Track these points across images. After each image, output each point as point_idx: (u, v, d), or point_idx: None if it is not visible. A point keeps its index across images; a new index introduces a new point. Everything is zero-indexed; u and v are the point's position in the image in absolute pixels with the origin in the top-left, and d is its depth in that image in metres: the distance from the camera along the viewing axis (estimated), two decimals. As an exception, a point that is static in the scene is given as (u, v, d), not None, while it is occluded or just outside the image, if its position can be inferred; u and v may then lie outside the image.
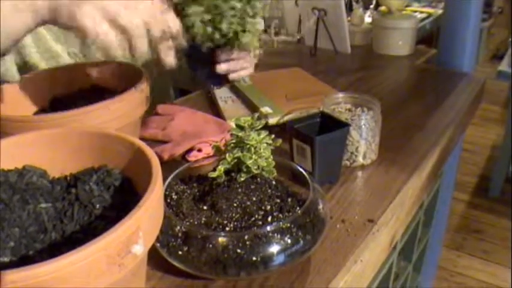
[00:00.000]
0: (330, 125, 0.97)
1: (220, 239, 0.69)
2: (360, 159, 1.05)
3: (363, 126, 1.02)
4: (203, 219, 0.73)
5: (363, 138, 1.03)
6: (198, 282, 0.73)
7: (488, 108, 4.17)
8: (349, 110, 1.10)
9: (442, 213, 1.87)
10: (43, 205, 0.59)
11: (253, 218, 0.73)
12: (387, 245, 0.95)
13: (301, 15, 2.00)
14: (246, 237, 0.69)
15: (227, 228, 0.72)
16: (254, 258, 0.68)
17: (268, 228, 0.70)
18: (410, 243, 1.52)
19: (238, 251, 0.68)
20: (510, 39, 3.39)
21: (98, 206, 0.58)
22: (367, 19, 2.23)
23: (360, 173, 1.04)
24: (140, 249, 0.49)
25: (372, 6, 2.60)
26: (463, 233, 2.90)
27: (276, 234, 0.70)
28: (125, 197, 0.60)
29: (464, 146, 2.91)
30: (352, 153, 1.04)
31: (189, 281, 0.73)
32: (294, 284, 0.74)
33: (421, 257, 1.76)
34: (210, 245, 0.68)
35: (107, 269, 0.46)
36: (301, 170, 0.83)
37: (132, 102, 0.86)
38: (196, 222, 0.73)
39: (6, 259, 0.52)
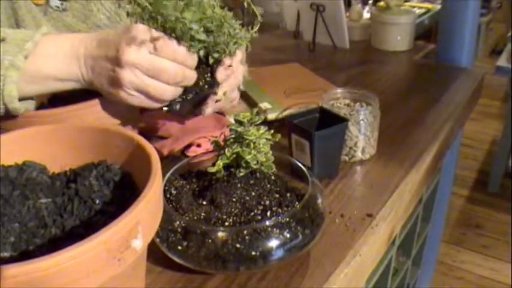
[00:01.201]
0: (329, 120, 0.97)
1: (220, 234, 0.69)
2: (359, 154, 1.05)
3: (362, 122, 1.02)
4: (202, 214, 0.74)
5: (362, 134, 1.03)
6: (197, 276, 0.73)
7: (487, 103, 4.17)
8: (348, 105, 1.10)
9: (441, 208, 1.88)
10: (43, 200, 0.60)
11: (252, 213, 0.73)
12: (386, 240, 0.95)
13: (300, 10, 2.00)
14: (245, 232, 0.69)
15: (226, 223, 0.72)
16: (253, 253, 0.69)
17: (268, 222, 0.70)
18: (409, 238, 1.53)
19: (238, 245, 0.68)
20: (509, 34, 3.39)
21: (97, 201, 0.58)
22: (366, 14, 2.23)
23: (358, 168, 1.04)
24: (140, 244, 0.50)
25: (370, 1, 2.59)
26: (462, 228, 2.90)
27: (275, 229, 0.70)
28: (124, 192, 0.60)
29: (463, 141, 2.91)
30: (350, 148, 1.04)
31: (189, 276, 0.73)
32: (293, 277, 0.74)
33: (420, 251, 1.76)
34: (210, 240, 0.69)
35: (107, 263, 0.46)
36: (300, 165, 0.84)
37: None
38: (195, 217, 0.73)
39: (6, 254, 0.52)
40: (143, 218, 0.50)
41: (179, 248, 0.70)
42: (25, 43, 0.70)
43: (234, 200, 0.75)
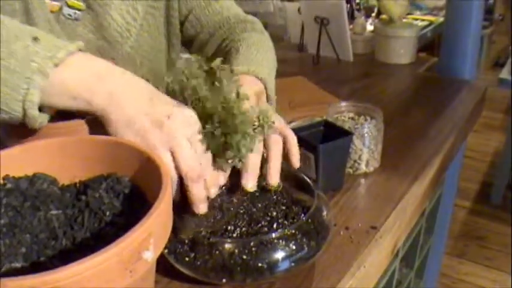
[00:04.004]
0: (333, 134, 0.98)
1: (227, 246, 0.70)
2: (363, 167, 1.06)
3: (366, 135, 1.03)
4: (210, 225, 0.75)
5: (366, 147, 1.04)
6: (205, 287, 0.74)
7: (490, 115, 4.17)
8: (352, 118, 1.11)
9: (444, 220, 1.88)
10: (54, 212, 0.60)
11: (259, 225, 0.74)
12: (390, 252, 0.96)
13: (304, 23, 2.02)
14: (252, 243, 0.70)
15: (234, 235, 0.73)
16: (260, 265, 0.69)
17: (274, 234, 0.71)
18: (412, 250, 1.53)
19: (244, 257, 0.69)
20: (511, 46, 3.40)
21: (107, 213, 0.59)
22: (369, 27, 2.25)
23: (362, 181, 1.05)
24: (151, 256, 0.50)
25: (373, 14, 2.61)
26: (465, 240, 2.90)
27: (281, 241, 0.71)
28: (134, 204, 0.61)
29: (466, 153, 2.91)
30: (355, 161, 1.05)
31: (197, 286, 0.74)
32: (298, 289, 0.75)
33: (423, 263, 1.76)
34: (217, 252, 0.70)
35: (119, 274, 0.47)
36: (305, 177, 0.85)
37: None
38: (203, 229, 0.74)
39: (18, 265, 0.53)
40: (155, 230, 0.51)
41: (187, 259, 0.71)
42: (58, 50, 0.67)
43: (241, 211, 0.76)
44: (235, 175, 0.79)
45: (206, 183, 0.74)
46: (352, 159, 1.05)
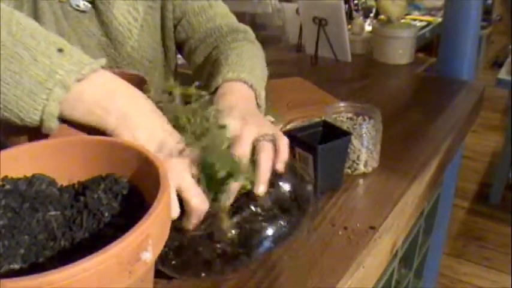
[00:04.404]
0: (332, 134, 0.98)
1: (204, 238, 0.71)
2: (362, 167, 1.06)
3: (364, 135, 1.03)
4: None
5: (364, 147, 1.04)
6: (207, 280, 0.74)
7: (488, 115, 4.17)
8: (351, 118, 1.11)
9: (443, 220, 1.88)
10: (52, 213, 0.60)
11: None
12: (388, 252, 0.96)
13: (302, 24, 2.02)
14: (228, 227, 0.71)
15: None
16: (240, 249, 0.70)
17: (254, 209, 0.72)
18: (411, 250, 1.53)
19: (226, 244, 0.70)
20: (510, 46, 3.40)
21: (106, 213, 0.59)
22: (367, 28, 2.25)
23: (361, 181, 1.05)
24: (149, 256, 0.50)
25: (371, 15, 2.61)
26: (463, 240, 2.90)
27: (257, 217, 0.71)
28: (132, 205, 0.61)
29: (464, 153, 2.92)
30: (353, 161, 1.05)
31: (198, 283, 0.74)
32: (297, 290, 0.75)
33: (422, 264, 1.76)
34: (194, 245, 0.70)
35: (118, 275, 0.47)
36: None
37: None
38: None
39: (16, 266, 0.53)
40: (153, 231, 0.51)
41: (170, 261, 0.72)
42: (83, 67, 0.67)
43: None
44: None
45: None
46: (350, 159, 1.05)
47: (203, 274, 0.71)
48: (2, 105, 0.65)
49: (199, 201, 0.70)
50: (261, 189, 0.76)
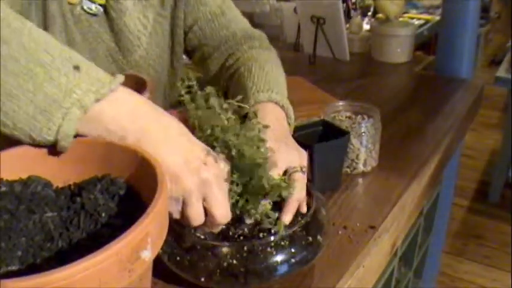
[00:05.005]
0: (331, 133, 0.98)
1: (223, 250, 0.70)
2: (361, 167, 1.06)
3: (363, 134, 1.03)
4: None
5: (363, 146, 1.04)
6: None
7: (487, 113, 4.17)
8: (350, 117, 1.11)
9: (443, 218, 1.88)
10: (49, 214, 0.60)
11: (258, 228, 0.74)
12: (388, 251, 0.95)
13: (300, 23, 2.02)
14: (247, 247, 0.70)
15: (233, 239, 0.73)
16: (256, 269, 0.69)
17: (272, 238, 0.70)
18: (411, 249, 1.53)
19: (241, 262, 0.69)
20: (508, 44, 3.39)
21: (103, 214, 0.59)
22: (366, 26, 2.25)
23: (360, 180, 1.05)
24: (148, 255, 0.51)
25: (369, 13, 2.61)
26: (463, 239, 2.90)
27: (278, 244, 0.70)
28: (129, 205, 0.61)
29: (463, 152, 2.91)
30: (352, 160, 1.05)
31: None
32: (297, 289, 0.74)
33: (421, 262, 1.76)
34: (212, 256, 0.69)
35: (118, 274, 0.47)
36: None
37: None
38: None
39: (14, 268, 0.53)
40: (152, 229, 0.51)
41: (182, 261, 0.71)
42: (102, 86, 0.64)
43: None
44: None
45: None
46: (349, 158, 1.05)
47: (218, 284, 0.70)
48: (11, 123, 0.61)
49: (224, 210, 0.69)
50: (288, 218, 0.76)
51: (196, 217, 0.69)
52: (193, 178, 0.67)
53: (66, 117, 0.62)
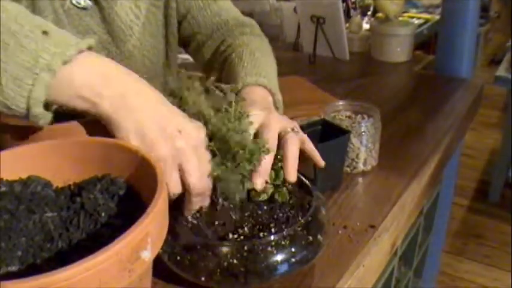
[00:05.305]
0: (331, 133, 0.98)
1: (223, 249, 0.69)
2: (361, 166, 1.06)
3: (363, 133, 1.03)
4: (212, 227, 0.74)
5: (364, 145, 1.04)
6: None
7: (487, 113, 4.17)
8: (349, 117, 1.11)
9: (442, 218, 1.88)
10: (49, 214, 0.60)
11: (258, 228, 0.74)
12: (388, 250, 0.95)
13: (300, 22, 2.02)
14: (247, 247, 0.69)
15: (234, 238, 0.73)
16: (257, 268, 0.69)
17: (272, 237, 0.70)
18: (411, 249, 1.53)
19: (241, 261, 0.69)
20: (508, 43, 3.39)
21: (103, 214, 0.59)
22: (365, 26, 2.24)
23: (360, 180, 1.05)
24: (148, 255, 0.51)
25: (369, 13, 2.61)
26: (463, 238, 2.90)
27: (278, 244, 0.70)
28: (129, 205, 0.61)
29: (463, 151, 2.91)
30: (353, 159, 1.05)
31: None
32: (298, 288, 0.74)
33: (421, 262, 1.76)
34: (212, 255, 0.69)
35: (118, 274, 0.47)
36: (303, 178, 0.84)
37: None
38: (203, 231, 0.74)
39: (14, 268, 0.53)
40: (152, 229, 0.51)
41: (182, 261, 0.71)
42: (68, 48, 0.64)
43: (245, 215, 0.76)
44: None
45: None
46: (350, 157, 1.05)
47: (218, 283, 0.70)
48: None
49: (199, 179, 0.70)
50: (292, 177, 0.79)
51: (173, 185, 0.70)
52: (167, 146, 0.68)
53: (35, 82, 0.63)
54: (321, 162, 0.88)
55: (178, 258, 0.71)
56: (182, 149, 0.69)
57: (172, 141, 0.68)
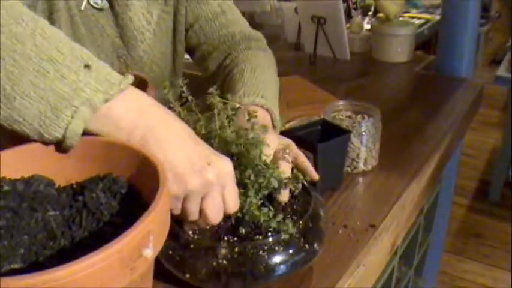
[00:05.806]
0: (331, 133, 0.98)
1: (222, 250, 0.70)
2: (361, 166, 1.06)
3: (364, 133, 1.03)
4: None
5: (364, 145, 1.04)
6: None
7: (487, 112, 4.17)
8: (350, 117, 1.11)
9: (443, 217, 1.88)
10: (51, 213, 0.60)
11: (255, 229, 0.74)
12: (388, 250, 0.96)
13: (301, 22, 2.02)
14: (246, 248, 0.70)
15: (231, 240, 0.73)
16: (255, 269, 0.69)
17: (270, 239, 0.71)
18: (411, 248, 1.53)
19: (237, 262, 0.69)
20: (508, 43, 3.39)
21: (105, 212, 0.59)
22: (366, 26, 2.25)
23: (360, 179, 1.05)
24: (150, 253, 0.51)
25: (370, 13, 2.61)
26: (463, 237, 2.90)
27: (276, 246, 0.70)
28: (131, 204, 0.61)
29: (463, 151, 2.91)
30: (353, 159, 1.05)
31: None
32: (298, 288, 0.75)
33: (422, 261, 1.76)
34: (211, 256, 0.70)
35: (120, 272, 0.47)
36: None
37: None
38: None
39: (17, 266, 0.53)
40: (154, 227, 0.51)
41: (182, 262, 0.71)
42: (111, 87, 0.64)
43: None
44: None
45: None
46: (350, 157, 1.05)
47: (201, 280, 0.70)
48: (21, 119, 0.62)
49: (217, 215, 0.70)
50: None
51: (193, 213, 0.70)
52: (197, 178, 0.67)
53: (75, 115, 0.62)
54: (315, 176, 0.90)
55: (177, 259, 0.71)
56: (210, 181, 0.68)
57: (201, 173, 0.68)
